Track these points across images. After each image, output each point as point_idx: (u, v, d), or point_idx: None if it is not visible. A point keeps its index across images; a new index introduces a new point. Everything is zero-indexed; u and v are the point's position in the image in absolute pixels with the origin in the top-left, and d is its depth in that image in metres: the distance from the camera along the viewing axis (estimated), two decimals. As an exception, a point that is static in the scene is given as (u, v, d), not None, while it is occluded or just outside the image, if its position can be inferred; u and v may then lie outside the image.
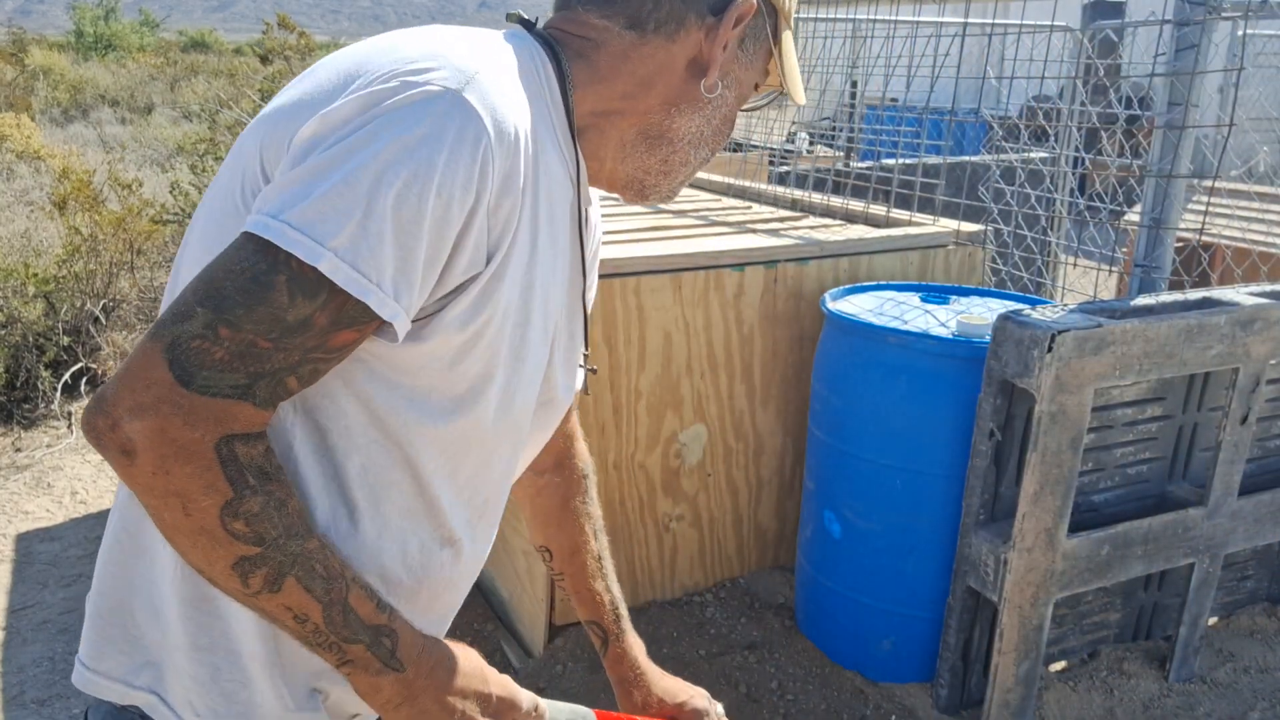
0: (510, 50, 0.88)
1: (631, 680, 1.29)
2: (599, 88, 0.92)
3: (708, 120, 0.96)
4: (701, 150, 0.98)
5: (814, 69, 4.30)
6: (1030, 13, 2.95)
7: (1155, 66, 2.35)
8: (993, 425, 2.07)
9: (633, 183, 0.98)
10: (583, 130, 0.94)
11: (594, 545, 1.29)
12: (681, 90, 0.94)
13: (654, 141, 0.95)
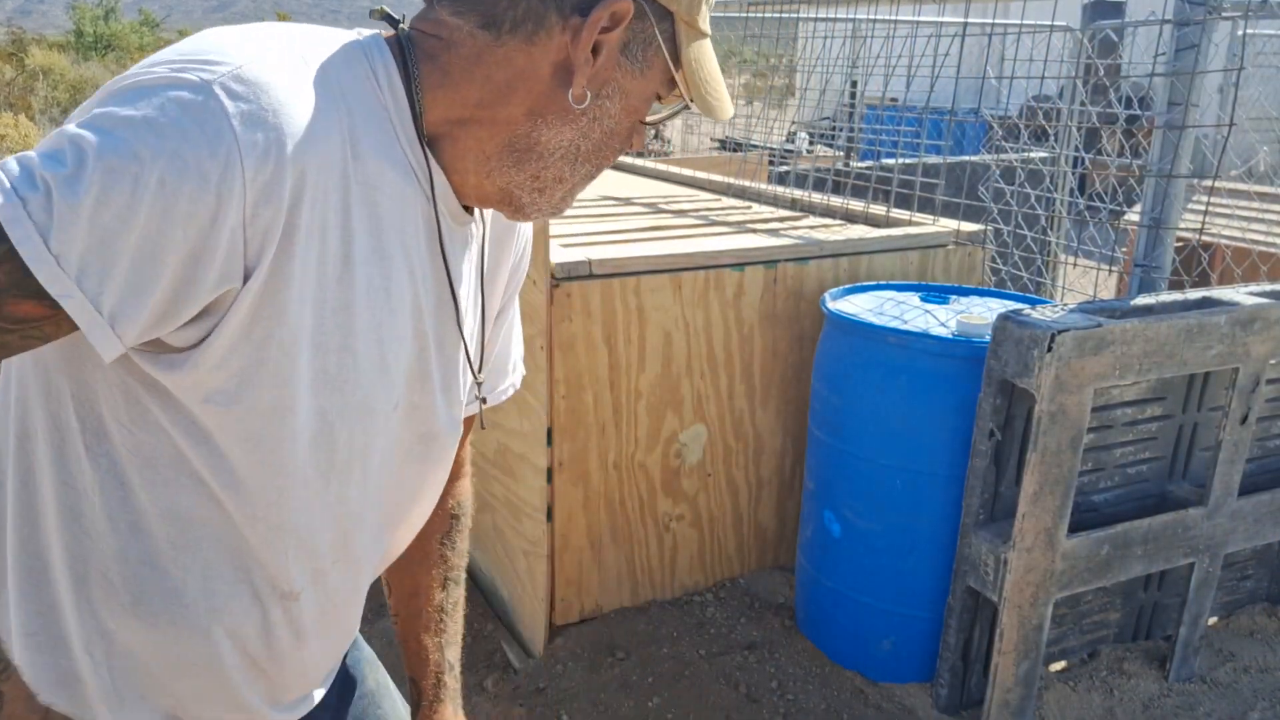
0: (334, 50, 0.80)
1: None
2: (450, 93, 0.83)
3: (584, 134, 0.86)
4: (582, 166, 0.88)
5: (814, 69, 4.30)
6: (1030, 13, 2.95)
7: (1155, 66, 2.35)
8: (993, 425, 2.07)
9: (506, 198, 0.89)
10: (436, 139, 0.85)
11: (438, 595, 1.16)
12: (547, 99, 0.84)
13: (521, 155, 0.86)
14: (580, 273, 2.31)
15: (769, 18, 3.81)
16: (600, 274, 2.33)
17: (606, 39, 0.82)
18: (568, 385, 2.34)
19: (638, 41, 0.85)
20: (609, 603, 2.56)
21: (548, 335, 2.27)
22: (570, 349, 2.32)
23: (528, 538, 2.48)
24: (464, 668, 2.44)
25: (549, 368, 2.29)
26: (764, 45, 4.32)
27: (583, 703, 2.25)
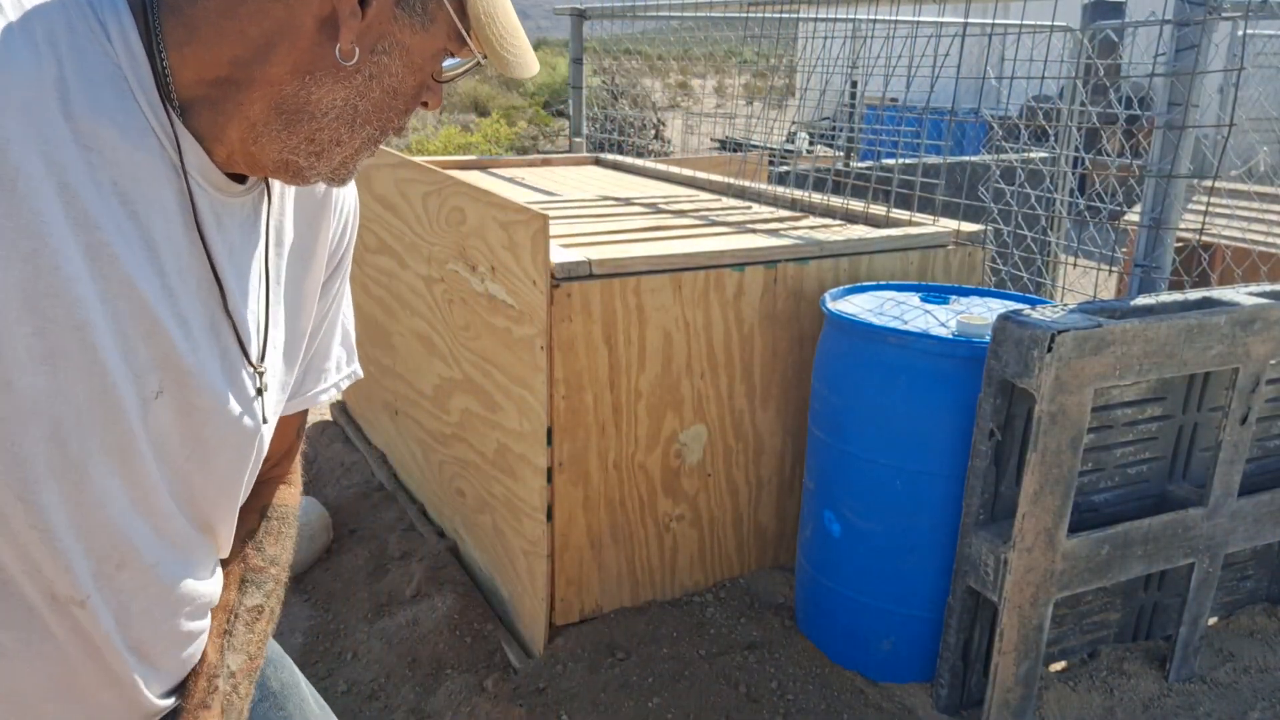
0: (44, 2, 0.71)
1: None
2: (200, 50, 0.75)
3: (360, 93, 0.80)
4: (362, 128, 0.82)
5: (814, 69, 4.30)
6: (1030, 13, 2.95)
7: (1155, 66, 2.35)
8: (993, 425, 2.07)
9: (283, 165, 0.82)
10: (192, 103, 0.77)
11: (230, 595, 1.05)
12: (313, 55, 0.77)
13: (292, 117, 0.79)
14: (580, 273, 2.31)
15: (769, 18, 3.81)
16: (600, 274, 2.33)
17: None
18: (568, 385, 2.34)
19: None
20: (609, 603, 2.56)
21: (548, 335, 2.27)
22: (570, 349, 2.32)
23: (528, 538, 2.48)
24: (464, 668, 2.44)
25: (549, 368, 2.29)
26: (764, 45, 4.32)
27: (583, 703, 2.25)
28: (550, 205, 3.28)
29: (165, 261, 0.79)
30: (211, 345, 0.85)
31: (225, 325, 0.85)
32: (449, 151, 9.65)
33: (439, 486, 3.06)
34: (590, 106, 5.67)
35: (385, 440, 3.58)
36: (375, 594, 2.80)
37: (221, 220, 0.83)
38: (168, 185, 0.78)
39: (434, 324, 2.92)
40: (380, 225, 3.31)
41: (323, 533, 3.09)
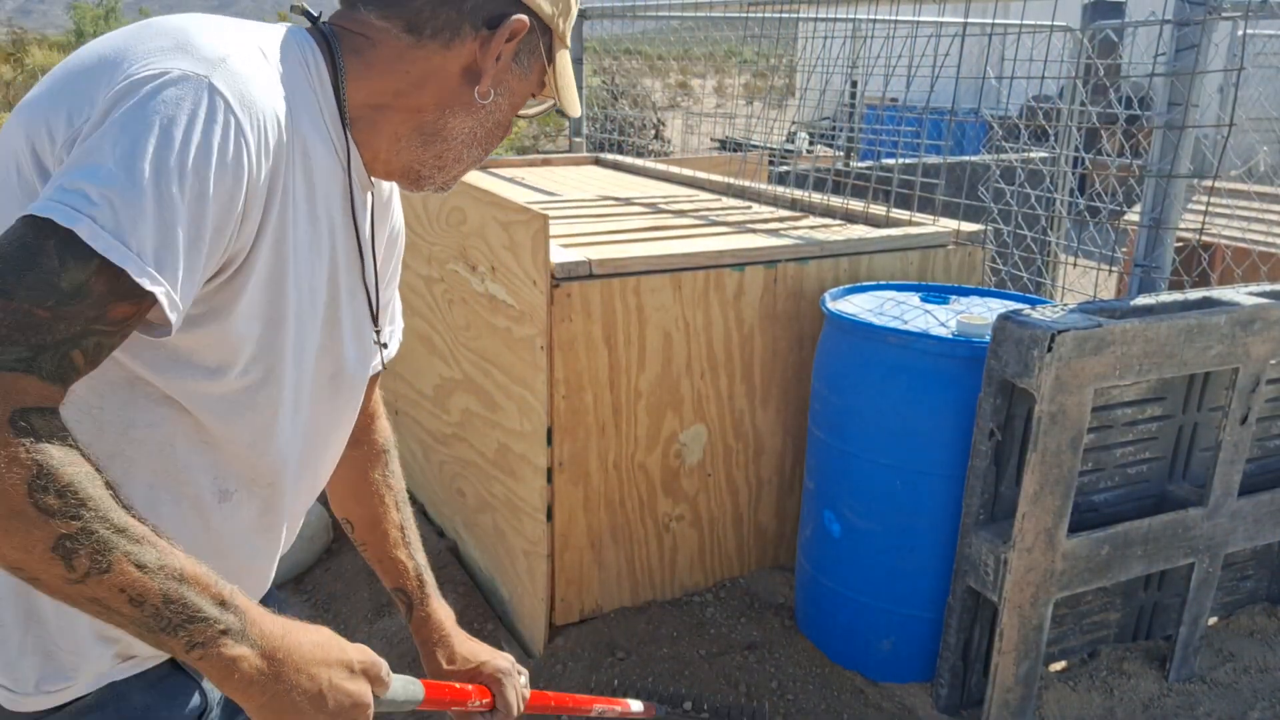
0: (273, 40, 0.95)
1: (436, 642, 1.33)
2: (372, 82, 0.99)
3: (481, 123, 1.05)
4: (475, 150, 1.07)
5: (814, 69, 4.30)
6: (1030, 13, 2.95)
7: (1155, 66, 2.35)
8: (993, 425, 2.07)
9: (409, 173, 1.06)
10: (355, 120, 1.00)
11: (395, 516, 1.34)
12: (456, 94, 1.01)
13: (429, 138, 1.03)
14: (580, 273, 2.31)
15: (769, 18, 3.81)
16: (600, 274, 2.33)
17: (506, 49, 1.01)
18: (568, 385, 2.34)
19: (525, 51, 1.04)
20: (609, 603, 2.56)
21: (548, 335, 2.27)
22: (570, 349, 2.32)
23: (528, 538, 2.48)
24: None
25: (549, 368, 2.29)
26: (764, 45, 4.32)
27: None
28: (550, 205, 3.28)
29: (336, 240, 1.02)
30: (350, 307, 1.08)
31: (362, 291, 1.09)
32: (449, 151, 9.61)
33: (439, 486, 3.06)
34: (590, 106, 5.67)
35: (385, 440, 3.58)
36: (375, 594, 2.80)
37: (362, 210, 1.06)
38: (336, 181, 1.00)
39: (434, 324, 2.92)
40: (380, 225, 3.31)
41: (323, 533, 3.09)
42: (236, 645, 0.81)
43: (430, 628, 1.33)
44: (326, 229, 1.00)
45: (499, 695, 1.28)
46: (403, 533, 1.34)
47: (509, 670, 1.32)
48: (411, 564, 1.33)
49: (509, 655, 1.35)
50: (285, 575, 2.96)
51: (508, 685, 1.30)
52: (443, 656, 1.32)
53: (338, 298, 1.05)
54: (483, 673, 1.31)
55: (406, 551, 1.34)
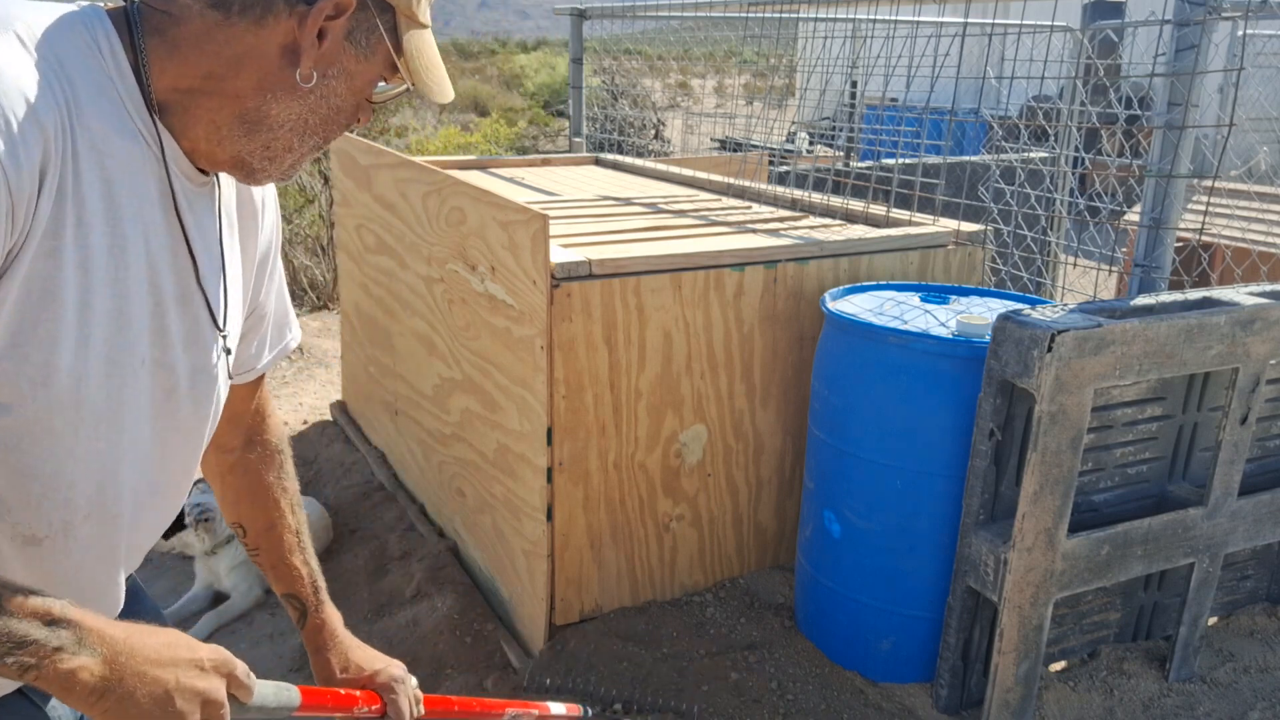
0: (42, 22, 0.85)
1: (329, 648, 1.30)
2: (178, 65, 0.91)
3: (312, 109, 0.96)
4: (310, 138, 0.98)
5: (814, 69, 4.30)
6: (1030, 13, 2.95)
7: (1155, 66, 2.35)
8: (993, 425, 2.07)
9: (238, 164, 0.98)
10: (164, 107, 0.92)
11: (290, 520, 1.29)
12: (276, 77, 0.93)
13: (253, 126, 0.94)
14: (580, 273, 2.31)
15: (769, 18, 3.81)
16: (600, 274, 2.33)
17: (331, 26, 0.92)
18: (568, 385, 2.34)
19: (361, 29, 0.95)
20: (609, 603, 2.56)
21: (548, 335, 2.27)
22: (570, 349, 2.32)
23: (528, 538, 2.48)
24: (464, 668, 2.45)
25: (549, 368, 2.29)
26: (764, 45, 4.32)
27: (583, 704, 2.25)
28: (550, 205, 3.28)
29: (152, 241, 0.93)
30: (180, 313, 0.98)
31: (197, 294, 1.00)
32: (449, 151, 9.65)
33: (439, 486, 3.06)
34: (590, 106, 5.67)
35: (385, 440, 3.58)
36: (375, 594, 2.80)
37: (192, 205, 0.98)
38: (151, 175, 0.92)
39: (434, 324, 2.92)
40: (380, 225, 3.31)
41: (323, 533, 3.09)
42: (73, 658, 0.78)
43: (324, 634, 1.30)
44: (138, 230, 0.91)
45: (390, 702, 1.23)
46: (298, 537, 1.30)
47: (401, 677, 1.28)
48: (306, 570, 1.30)
49: (400, 663, 1.32)
50: (285, 575, 2.96)
51: (399, 692, 1.26)
52: (336, 663, 1.30)
53: (163, 304, 0.95)
54: (375, 680, 1.27)
55: (302, 557, 1.30)
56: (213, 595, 2.86)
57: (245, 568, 2.84)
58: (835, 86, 5.37)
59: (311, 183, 6.41)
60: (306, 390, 4.62)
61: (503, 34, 76.97)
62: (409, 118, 12.69)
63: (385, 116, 7.23)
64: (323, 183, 6.36)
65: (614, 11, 4.76)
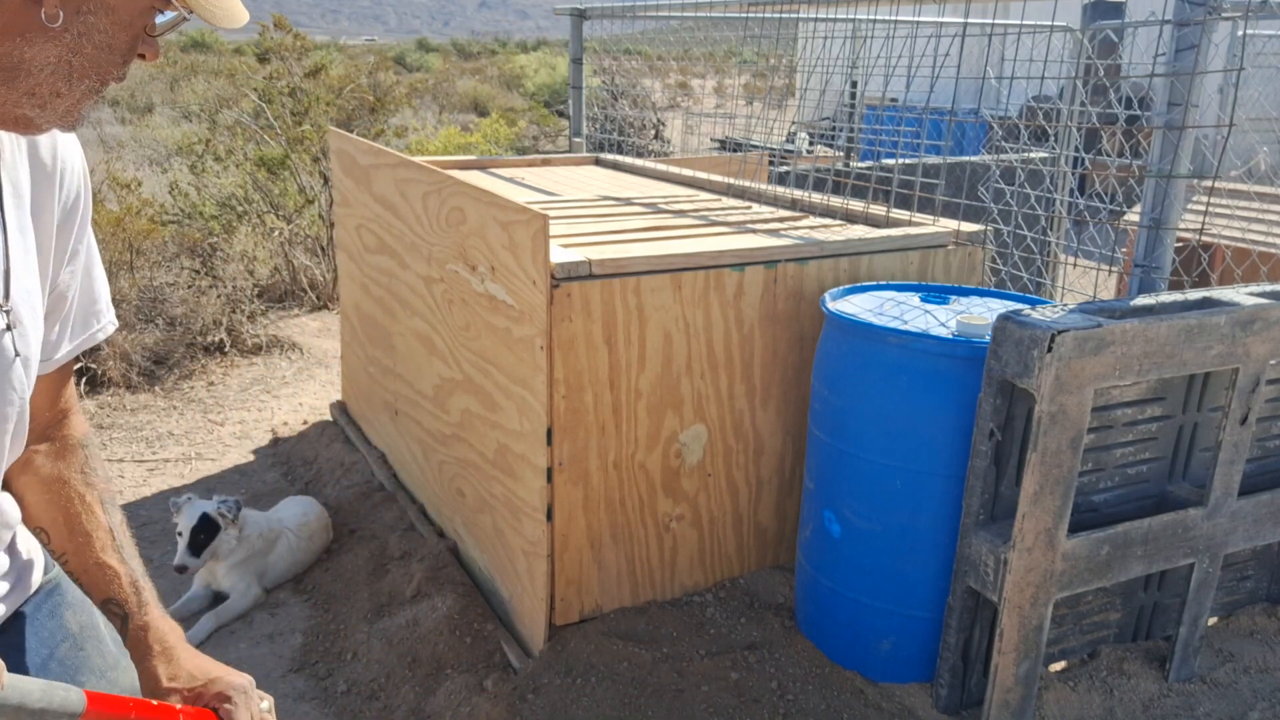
0: None
1: (156, 654, 1.14)
2: None
3: (73, 49, 0.88)
4: (80, 80, 0.91)
5: (814, 69, 4.30)
6: (1030, 13, 2.95)
7: (1155, 66, 2.35)
8: (993, 425, 2.07)
9: (12, 118, 0.91)
10: None
11: (101, 517, 1.17)
12: (22, 19, 0.85)
13: (10, 74, 0.87)
14: (580, 273, 2.31)
15: (769, 18, 3.81)
16: (600, 274, 2.33)
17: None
18: (568, 385, 2.34)
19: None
20: (609, 603, 2.56)
21: (548, 335, 2.27)
22: (570, 349, 2.32)
23: (528, 538, 2.48)
24: (464, 668, 2.44)
25: (549, 368, 2.29)
26: (764, 45, 4.32)
27: (582, 705, 2.25)
28: (550, 205, 3.28)
29: None
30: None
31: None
32: (449, 151, 9.65)
33: (439, 486, 3.06)
34: (590, 106, 5.67)
35: (385, 440, 3.58)
36: (375, 594, 2.80)
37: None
38: None
39: (434, 324, 2.92)
40: (380, 225, 3.31)
41: (322, 533, 3.09)
42: None
43: (150, 639, 1.15)
44: None
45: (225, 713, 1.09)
46: (112, 536, 1.17)
47: (245, 688, 1.13)
48: (124, 569, 1.16)
49: (248, 675, 1.16)
50: (283, 576, 2.96)
51: (240, 705, 1.10)
52: (164, 672, 1.14)
53: None
54: (209, 691, 1.12)
55: (118, 556, 1.17)
56: (212, 595, 2.86)
57: (244, 568, 2.84)
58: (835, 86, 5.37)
59: (311, 183, 6.41)
60: (306, 390, 4.63)
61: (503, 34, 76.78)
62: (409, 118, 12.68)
63: (385, 117, 7.23)
64: (323, 183, 6.36)
65: (614, 11, 4.76)
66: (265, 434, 4.09)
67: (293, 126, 6.45)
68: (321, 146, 6.35)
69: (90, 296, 1.15)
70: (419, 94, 16.56)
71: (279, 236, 5.97)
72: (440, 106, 17.29)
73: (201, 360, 4.84)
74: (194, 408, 4.37)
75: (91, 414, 4.23)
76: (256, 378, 4.75)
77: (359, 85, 7.34)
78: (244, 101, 6.97)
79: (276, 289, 5.93)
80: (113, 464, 3.80)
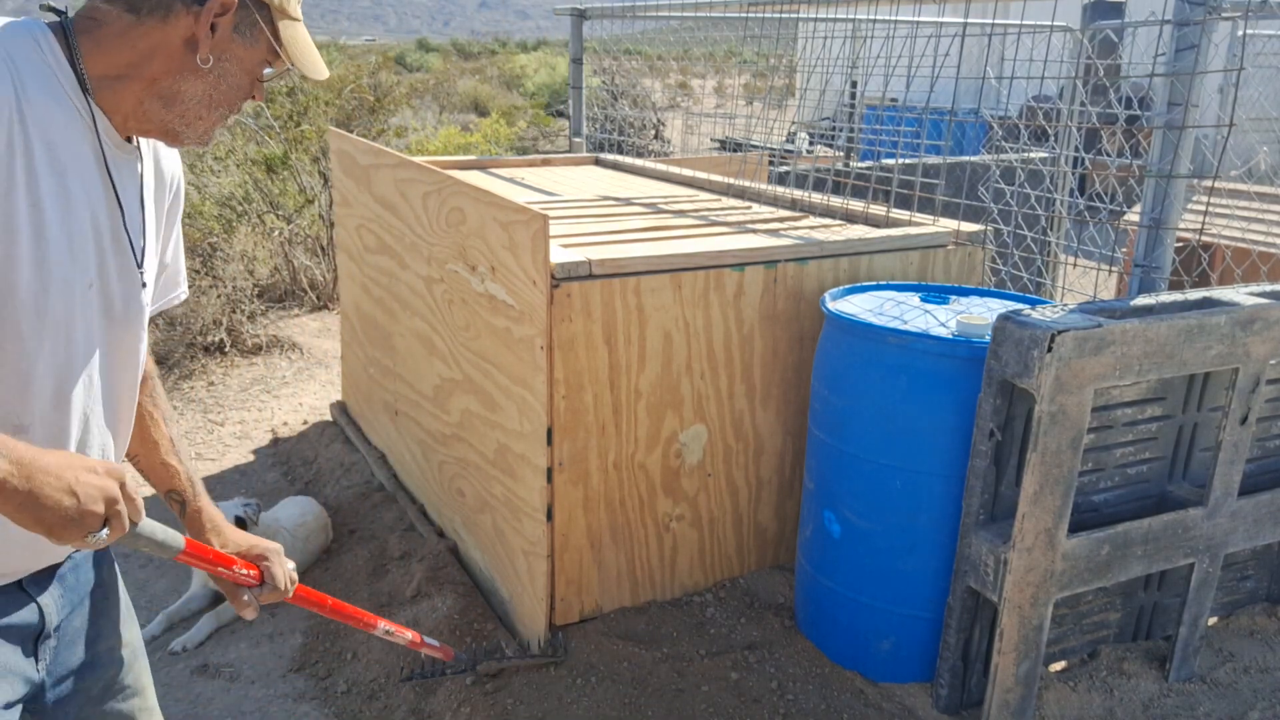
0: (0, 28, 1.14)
1: (210, 530, 1.51)
2: (105, 57, 1.18)
3: (213, 86, 1.24)
4: (217, 109, 1.26)
5: (814, 69, 4.30)
6: (1030, 13, 2.95)
7: (1155, 66, 2.35)
8: (993, 425, 2.07)
9: (164, 130, 1.25)
10: (97, 89, 1.19)
11: (164, 429, 1.52)
12: (181, 62, 1.20)
13: (168, 101, 1.22)
14: (580, 273, 2.31)
15: (769, 18, 3.81)
16: (600, 274, 2.33)
17: (221, 21, 1.20)
18: (568, 385, 2.34)
19: (245, 23, 1.23)
20: (609, 603, 2.56)
21: (548, 335, 2.27)
22: (570, 349, 2.32)
23: (528, 538, 2.48)
24: (464, 667, 2.44)
25: (549, 368, 2.29)
26: (764, 45, 4.32)
27: (582, 706, 2.25)
28: (550, 205, 3.28)
29: (91, 193, 1.20)
30: (114, 250, 1.24)
31: (124, 236, 1.26)
32: (449, 151, 9.64)
33: (439, 486, 3.06)
34: (590, 106, 5.67)
35: (385, 440, 3.58)
36: (375, 594, 2.80)
37: (119, 167, 1.24)
38: (87, 144, 1.19)
39: (434, 324, 2.92)
40: (380, 225, 3.31)
41: (321, 533, 3.09)
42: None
43: (204, 519, 1.51)
44: (79, 183, 1.17)
45: (267, 571, 1.46)
46: (172, 444, 1.52)
47: (279, 550, 1.50)
48: (182, 468, 1.51)
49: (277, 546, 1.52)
50: (285, 575, 2.96)
51: (275, 563, 1.47)
52: (216, 542, 1.50)
53: (101, 241, 1.21)
54: (250, 554, 1.48)
55: (177, 458, 1.52)
56: (212, 595, 2.86)
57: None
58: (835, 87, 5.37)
59: (311, 183, 6.41)
60: (306, 390, 4.63)
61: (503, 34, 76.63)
62: (409, 118, 12.68)
63: (385, 117, 7.23)
64: (323, 183, 6.36)
65: (614, 11, 4.76)
66: (265, 434, 4.09)
67: (292, 126, 6.45)
68: (321, 146, 6.35)
69: (175, 268, 1.49)
70: (419, 94, 16.56)
71: (279, 236, 5.97)
72: (440, 106, 17.29)
73: (201, 360, 4.84)
74: (194, 408, 4.37)
75: (91, 414, 4.23)
76: (256, 378, 4.75)
77: (359, 85, 7.34)
78: (244, 101, 6.97)
79: (276, 289, 5.93)
80: (113, 464, 3.80)
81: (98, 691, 1.40)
